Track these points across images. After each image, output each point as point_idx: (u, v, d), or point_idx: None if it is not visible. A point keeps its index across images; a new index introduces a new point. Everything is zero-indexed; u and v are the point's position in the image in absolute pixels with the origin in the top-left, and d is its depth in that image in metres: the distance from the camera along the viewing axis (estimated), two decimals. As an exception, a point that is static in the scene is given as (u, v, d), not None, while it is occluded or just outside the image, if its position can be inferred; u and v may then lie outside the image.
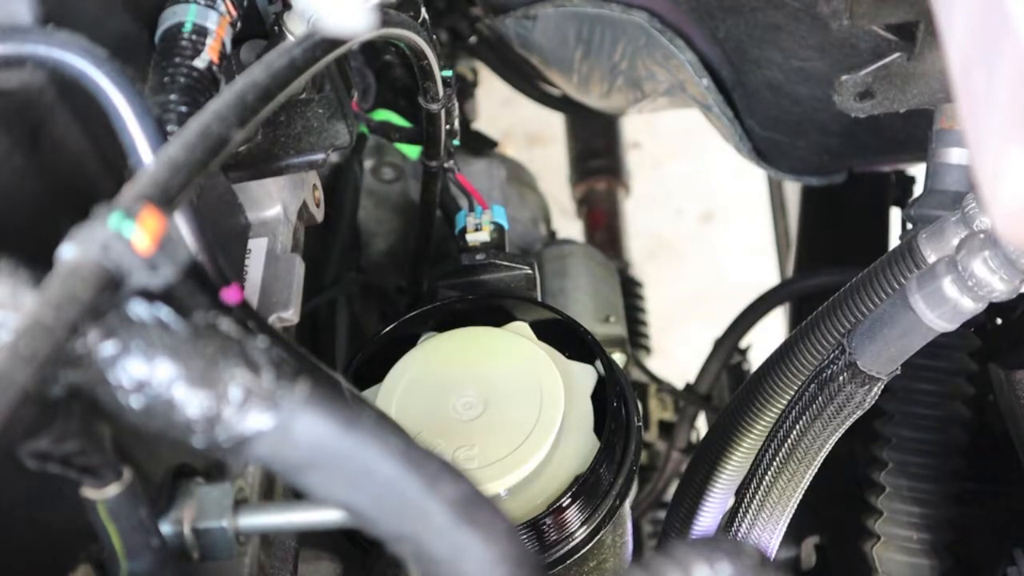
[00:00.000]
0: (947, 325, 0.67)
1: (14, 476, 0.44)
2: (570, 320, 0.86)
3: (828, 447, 0.79)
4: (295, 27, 0.67)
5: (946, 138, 0.87)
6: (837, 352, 0.75)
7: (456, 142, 0.93)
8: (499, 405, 0.79)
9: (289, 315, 0.70)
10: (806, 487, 0.82)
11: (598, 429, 0.79)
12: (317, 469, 0.41)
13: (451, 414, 0.79)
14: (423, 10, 0.82)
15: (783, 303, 1.34)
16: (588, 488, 0.75)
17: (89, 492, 0.45)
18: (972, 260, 0.63)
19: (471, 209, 0.96)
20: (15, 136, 0.49)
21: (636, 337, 1.49)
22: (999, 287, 0.63)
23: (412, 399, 0.80)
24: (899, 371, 0.73)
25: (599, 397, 0.81)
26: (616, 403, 0.79)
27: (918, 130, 0.95)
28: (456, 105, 0.88)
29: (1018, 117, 0.41)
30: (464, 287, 0.92)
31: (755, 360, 1.41)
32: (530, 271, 0.92)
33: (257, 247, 0.72)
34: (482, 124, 1.54)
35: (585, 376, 0.83)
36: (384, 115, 1.09)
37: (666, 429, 1.46)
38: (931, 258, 0.78)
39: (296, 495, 0.51)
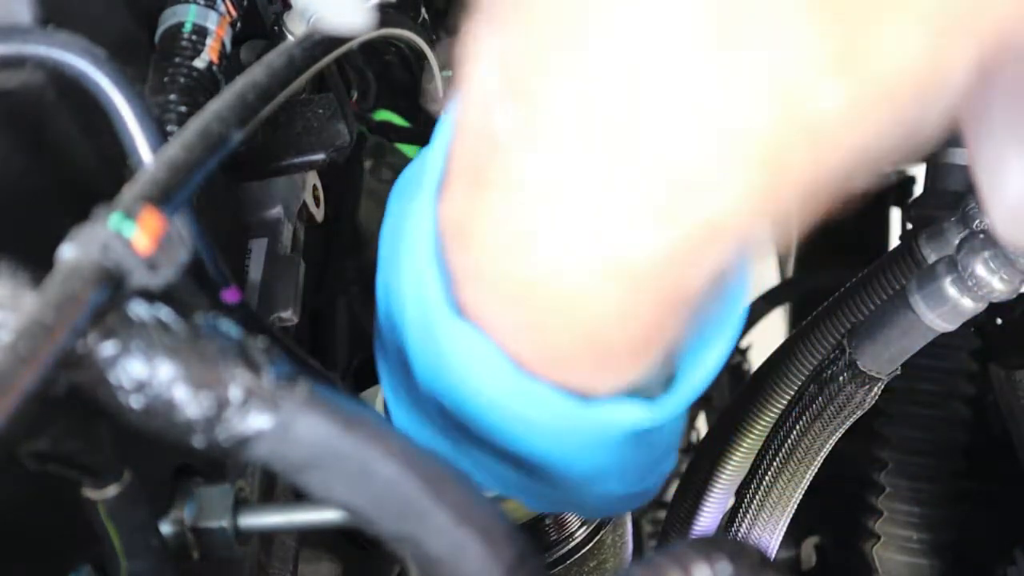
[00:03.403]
0: (947, 325, 0.67)
1: (14, 476, 0.44)
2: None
3: (828, 447, 0.79)
4: (295, 27, 0.67)
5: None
6: (837, 352, 0.75)
7: (456, 142, 0.93)
8: (499, 405, 0.79)
9: (289, 315, 0.70)
10: (806, 487, 0.82)
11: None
12: (317, 469, 0.41)
13: (451, 414, 0.79)
14: (423, 10, 0.82)
15: (783, 303, 1.34)
16: (588, 488, 0.75)
17: (89, 492, 0.45)
18: (972, 260, 0.63)
19: (471, 209, 0.96)
20: (15, 136, 0.49)
21: (636, 337, 1.49)
22: (999, 287, 0.63)
23: (412, 399, 0.80)
24: (899, 371, 0.73)
25: (599, 397, 0.81)
26: (616, 403, 0.79)
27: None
28: (456, 105, 0.88)
29: (1017, 117, 0.41)
30: (464, 287, 0.92)
31: (755, 360, 1.40)
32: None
33: (257, 247, 0.72)
34: (482, 124, 1.54)
35: (585, 376, 0.83)
36: (384, 115, 1.09)
37: (666, 429, 1.45)
38: (931, 258, 0.78)
39: (296, 495, 0.51)
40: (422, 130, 0.91)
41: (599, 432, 0.40)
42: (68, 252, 0.38)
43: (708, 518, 0.99)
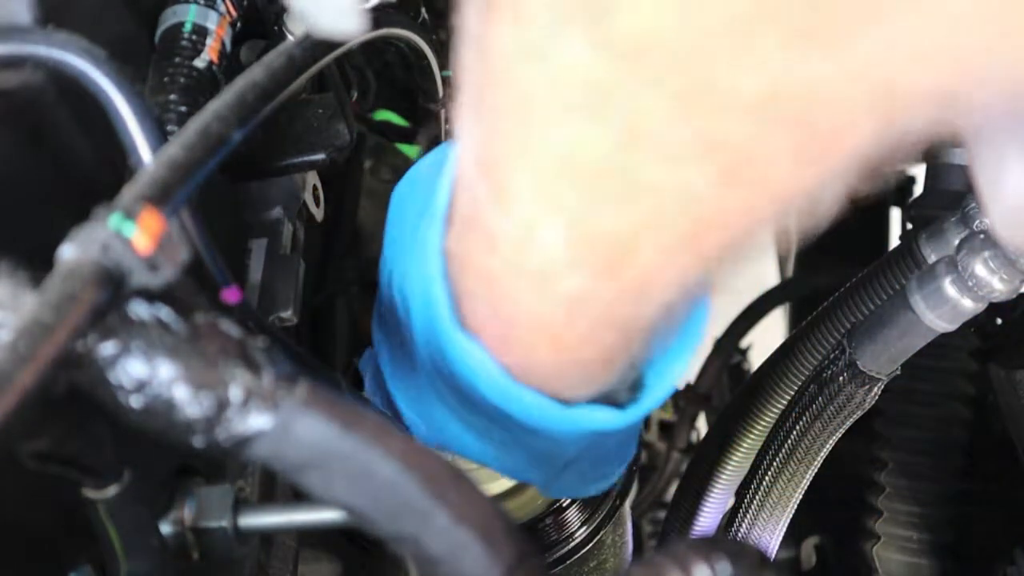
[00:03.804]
0: (947, 325, 0.67)
1: (14, 476, 0.44)
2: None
3: (828, 447, 0.79)
4: (295, 27, 0.67)
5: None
6: (837, 352, 0.75)
7: (456, 142, 0.93)
8: (499, 405, 0.79)
9: (289, 315, 0.70)
10: (806, 487, 0.82)
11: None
12: (317, 469, 0.41)
13: (451, 414, 0.79)
14: (423, 10, 0.82)
15: (783, 303, 1.34)
16: (588, 488, 0.75)
17: (89, 492, 0.45)
18: (972, 260, 0.63)
19: (471, 209, 0.96)
20: (15, 136, 0.49)
21: (636, 337, 1.49)
22: (999, 287, 0.63)
23: (412, 399, 0.80)
24: (899, 371, 0.73)
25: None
26: (616, 403, 0.79)
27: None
28: (456, 105, 0.88)
29: (1015, 118, 0.41)
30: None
31: (755, 360, 1.41)
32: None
33: (257, 247, 0.71)
34: (482, 124, 1.53)
35: (585, 376, 0.83)
36: (384, 115, 1.09)
37: (666, 429, 1.46)
38: (931, 258, 0.78)
39: (296, 495, 0.51)
40: (422, 130, 0.90)
41: (573, 428, 0.48)
42: (68, 252, 0.38)
43: (708, 518, 0.99)
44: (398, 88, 1.16)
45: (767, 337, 1.27)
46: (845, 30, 0.29)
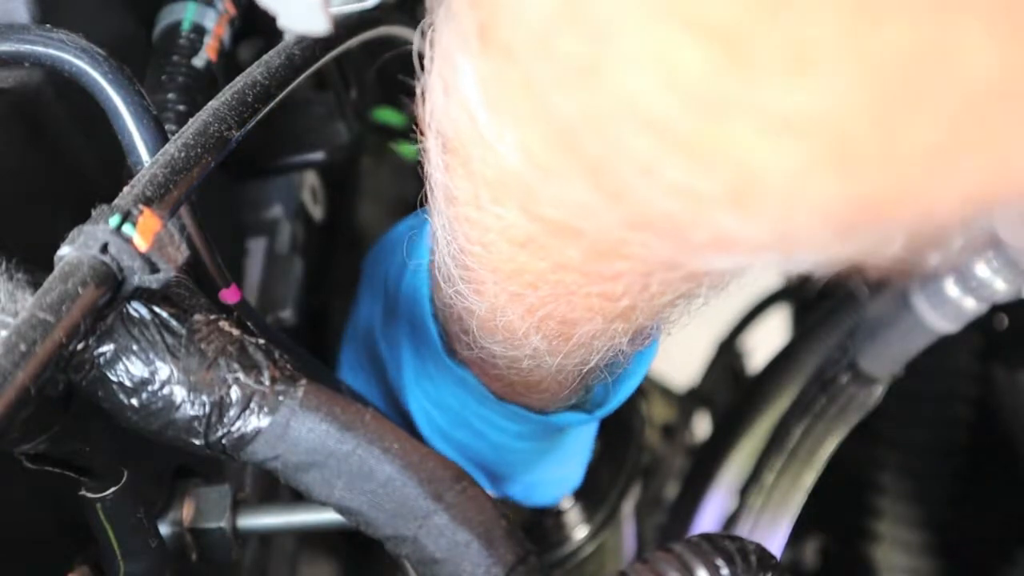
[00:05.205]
0: (949, 326, 0.66)
1: (14, 476, 0.44)
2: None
3: (831, 449, 0.79)
4: (295, 26, 0.67)
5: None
6: (839, 353, 0.75)
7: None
8: (499, 406, 0.78)
9: (288, 315, 0.70)
10: (810, 490, 0.82)
11: (598, 430, 0.79)
12: (316, 469, 0.41)
13: (451, 415, 0.78)
14: (423, 9, 0.82)
15: (784, 303, 1.34)
16: (588, 489, 0.75)
17: (87, 493, 0.45)
18: (975, 261, 0.62)
19: (471, 209, 0.95)
20: (13, 136, 0.49)
21: (637, 338, 1.48)
22: (1002, 288, 0.62)
23: (412, 400, 0.80)
24: (902, 372, 0.73)
25: (600, 398, 0.81)
26: (617, 404, 0.79)
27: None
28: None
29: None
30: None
31: (757, 361, 1.40)
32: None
33: (257, 247, 0.71)
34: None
35: (586, 377, 0.83)
36: (384, 114, 1.09)
37: (667, 430, 1.45)
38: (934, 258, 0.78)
39: (296, 495, 0.51)
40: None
41: (546, 427, 0.60)
42: (68, 252, 0.38)
43: (709, 520, 0.98)
44: (398, 87, 1.16)
45: (768, 338, 1.27)
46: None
